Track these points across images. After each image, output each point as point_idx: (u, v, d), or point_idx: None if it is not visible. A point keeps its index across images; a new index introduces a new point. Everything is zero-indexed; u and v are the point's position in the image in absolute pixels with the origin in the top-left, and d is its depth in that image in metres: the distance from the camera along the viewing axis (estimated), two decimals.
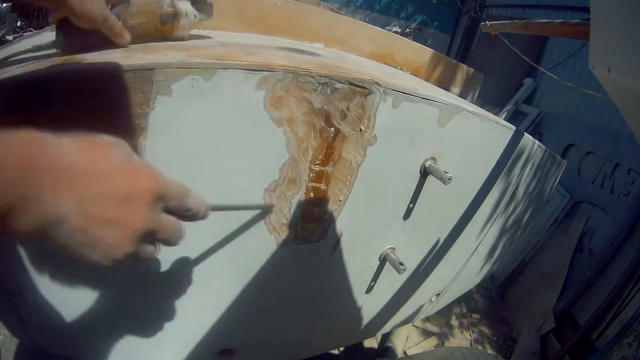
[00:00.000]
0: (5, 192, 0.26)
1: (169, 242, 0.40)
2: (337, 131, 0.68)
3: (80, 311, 0.66)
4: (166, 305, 0.74)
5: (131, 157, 0.36)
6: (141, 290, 0.70)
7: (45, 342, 0.73)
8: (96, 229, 0.32)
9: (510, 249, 1.45)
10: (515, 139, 0.96)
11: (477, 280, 1.49)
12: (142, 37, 0.63)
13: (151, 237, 0.37)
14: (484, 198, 1.03)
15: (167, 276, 0.69)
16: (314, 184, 0.71)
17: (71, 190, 0.30)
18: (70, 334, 0.71)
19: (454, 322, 2.57)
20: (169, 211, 0.39)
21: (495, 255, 1.39)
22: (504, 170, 1.00)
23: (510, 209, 1.19)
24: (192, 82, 0.53)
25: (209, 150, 0.59)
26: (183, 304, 0.75)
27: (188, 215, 0.42)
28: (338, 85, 0.64)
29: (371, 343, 2.09)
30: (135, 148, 0.52)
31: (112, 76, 0.49)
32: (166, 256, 0.67)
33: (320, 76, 0.62)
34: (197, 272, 0.71)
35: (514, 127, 0.94)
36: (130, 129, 0.52)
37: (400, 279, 1.07)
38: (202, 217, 0.44)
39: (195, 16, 0.69)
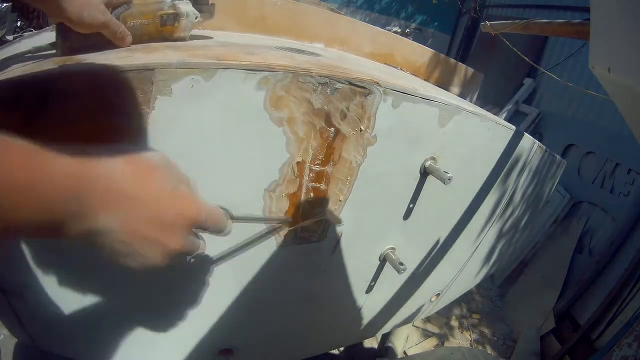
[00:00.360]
0: (58, 208, 0.30)
1: (190, 256, 0.45)
2: (337, 131, 0.68)
3: (80, 311, 0.66)
4: (166, 305, 0.74)
5: (178, 183, 0.40)
6: (141, 291, 0.70)
7: (45, 342, 0.73)
8: (136, 245, 0.36)
9: (510, 249, 1.45)
10: (515, 139, 0.96)
11: (477, 280, 1.49)
12: (143, 37, 0.63)
13: (182, 254, 0.42)
14: (484, 198, 1.03)
15: (167, 277, 0.69)
16: (314, 184, 0.71)
17: (120, 211, 0.34)
18: (69, 334, 0.71)
19: (454, 322, 2.57)
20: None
21: (495, 255, 1.39)
22: (504, 170, 1.00)
23: (511, 209, 1.19)
24: (192, 82, 0.53)
25: (209, 151, 0.59)
26: (183, 304, 0.75)
27: (216, 234, 0.47)
28: (338, 85, 0.64)
29: (371, 343, 2.09)
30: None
31: (111, 76, 0.49)
32: None
33: (320, 76, 0.62)
34: (197, 272, 0.71)
35: (514, 127, 0.94)
36: (130, 130, 0.52)
37: (400, 279, 1.07)
38: (225, 235, 0.50)
39: (196, 17, 0.68)
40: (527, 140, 1.00)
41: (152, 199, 0.36)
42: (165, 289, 0.71)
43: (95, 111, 0.48)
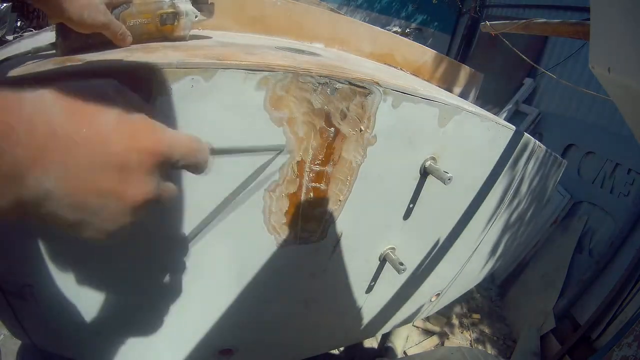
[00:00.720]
0: None
1: (162, 207, 0.34)
2: (337, 131, 0.68)
3: (79, 311, 0.66)
4: (166, 305, 0.74)
5: (126, 113, 0.30)
6: (141, 290, 0.70)
7: (44, 342, 0.73)
8: (88, 204, 0.27)
9: (510, 249, 1.45)
10: (515, 139, 0.96)
11: (477, 280, 1.49)
12: (143, 37, 0.63)
13: (151, 205, 0.32)
14: (484, 198, 1.03)
15: (168, 276, 0.69)
16: (314, 184, 0.71)
17: (54, 162, 0.24)
18: (69, 334, 0.71)
19: (454, 322, 2.58)
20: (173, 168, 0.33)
21: (495, 256, 1.39)
22: (504, 170, 1.00)
23: (510, 209, 1.19)
24: (192, 82, 0.53)
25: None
26: (183, 304, 0.75)
27: (192, 171, 0.36)
28: (338, 85, 0.64)
29: (371, 343, 2.09)
30: None
31: (111, 76, 0.49)
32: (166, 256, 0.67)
33: (320, 76, 0.62)
34: (197, 272, 0.71)
35: (514, 127, 0.94)
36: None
37: (400, 279, 1.07)
38: (202, 171, 0.38)
39: (195, 16, 0.68)
40: (527, 140, 1.00)
41: (97, 135, 0.27)
42: (166, 288, 0.71)
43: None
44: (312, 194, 0.72)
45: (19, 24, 3.48)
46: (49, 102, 0.25)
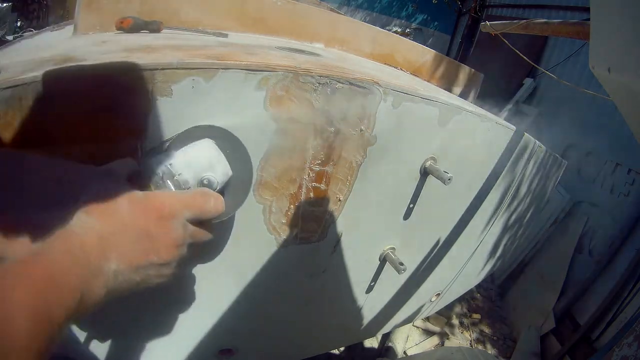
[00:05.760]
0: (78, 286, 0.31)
1: (206, 243, 0.46)
2: (337, 131, 0.68)
3: None
4: (166, 305, 0.74)
5: (133, 197, 0.39)
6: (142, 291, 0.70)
7: None
8: (141, 268, 0.38)
9: (511, 249, 1.45)
10: (515, 139, 0.96)
11: (478, 280, 1.49)
12: None
13: (190, 247, 0.43)
14: (484, 198, 1.03)
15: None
16: (314, 184, 0.71)
17: (111, 253, 0.36)
18: (70, 334, 0.71)
19: (454, 322, 2.57)
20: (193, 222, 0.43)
21: (496, 256, 1.39)
22: (504, 170, 1.00)
23: (510, 209, 1.19)
24: (193, 83, 0.53)
25: None
26: (184, 304, 0.75)
27: (213, 220, 0.46)
28: (338, 85, 0.64)
29: (371, 343, 2.09)
30: (134, 150, 0.52)
31: (112, 77, 0.49)
32: None
33: (320, 76, 0.62)
34: (198, 272, 0.71)
35: (514, 127, 0.94)
36: (130, 131, 0.52)
37: (400, 279, 1.07)
38: (225, 217, 0.49)
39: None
40: (527, 140, 1.00)
41: (123, 226, 0.37)
42: (166, 289, 0.71)
43: (95, 112, 0.48)
44: (312, 194, 0.72)
45: (19, 24, 3.48)
46: (86, 224, 0.36)
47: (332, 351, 1.88)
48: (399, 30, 6.79)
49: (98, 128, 0.49)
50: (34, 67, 0.49)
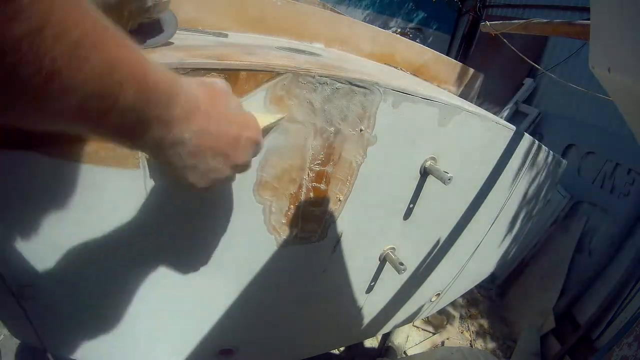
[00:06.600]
0: (149, 107, 0.31)
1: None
2: (337, 131, 0.68)
3: (80, 312, 0.66)
4: (167, 305, 0.74)
5: (241, 108, 0.44)
6: (142, 291, 0.70)
7: (45, 342, 0.73)
8: (206, 156, 0.39)
9: (511, 249, 1.45)
10: (515, 139, 0.96)
11: (478, 280, 1.49)
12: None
13: (240, 169, 0.46)
14: (484, 198, 1.03)
15: (168, 276, 0.69)
16: (314, 184, 0.71)
17: (195, 124, 0.37)
18: (70, 335, 0.71)
19: (455, 322, 2.57)
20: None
21: (496, 255, 1.39)
22: (504, 170, 1.00)
23: (511, 209, 1.19)
24: None
25: None
26: (184, 304, 0.75)
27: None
28: (338, 85, 0.64)
29: (372, 343, 2.09)
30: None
31: None
32: (167, 256, 0.67)
33: (321, 76, 0.62)
34: (198, 272, 0.71)
35: (514, 127, 0.94)
36: None
37: (400, 279, 1.07)
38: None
39: None
40: (527, 140, 1.00)
41: (223, 116, 0.40)
42: (166, 289, 0.71)
43: None
44: (312, 194, 0.72)
45: None
46: (197, 86, 0.39)
47: (332, 351, 1.88)
48: (399, 30, 6.79)
49: None
50: None
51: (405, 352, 2.10)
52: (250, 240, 0.72)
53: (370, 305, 1.09)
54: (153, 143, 0.34)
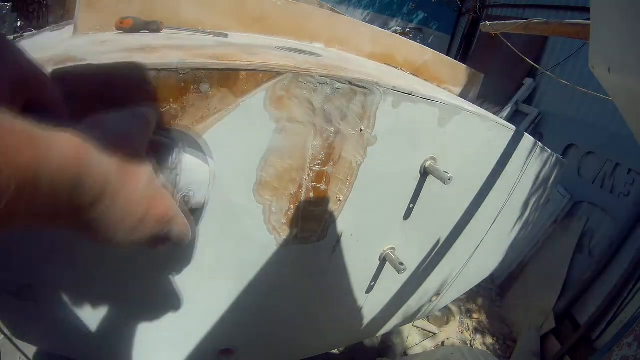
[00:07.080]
0: (61, 192, 0.31)
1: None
2: (337, 131, 0.68)
3: (80, 312, 0.66)
4: (167, 305, 0.74)
5: (153, 183, 0.42)
6: (143, 291, 0.70)
7: (46, 342, 0.73)
8: (119, 231, 0.39)
9: (511, 248, 1.45)
10: (516, 139, 0.96)
11: (478, 280, 1.49)
12: None
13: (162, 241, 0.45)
14: (484, 198, 1.03)
15: (168, 277, 0.69)
16: (314, 184, 0.71)
17: (103, 201, 0.36)
18: (70, 335, 0.71)
19: (454, 322, 2.57)
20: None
21: (496, 255, 1.39)
22: (504, 170, 1.00)
23: (510, 209, 1.19)
24: None
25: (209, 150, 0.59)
26: (184, 304, 0.75)
27: (174, 242, 0.47)
28: (338, 85, 0.64)
29: (372, 343, 2.09)
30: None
31: (112, 77, 0.49)
32: (166, 256, 0.67)
33: (320, 76, 0.62)
34: (198, 272, 0.71)
35: (514, 127, 0.94)
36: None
37: (400, 279, 1.07)
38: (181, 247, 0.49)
39: None
40: (527, 140, 1.00)
41: (131, 195, 0.38)
42: (166, 289, 0.71)
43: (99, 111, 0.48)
44: (312, 194, 0.72)
45: (19, 24, 3.48)
46: (108, 162, 0.36)
47: (332, 351, 1.88)
48: (399, 30, 6.79)
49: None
50: None
51: (405, 352, 2.10)
52: (250, 240, 0.72)
53: (370, 305, 1.09)
54: (64, 223, 0.34)
